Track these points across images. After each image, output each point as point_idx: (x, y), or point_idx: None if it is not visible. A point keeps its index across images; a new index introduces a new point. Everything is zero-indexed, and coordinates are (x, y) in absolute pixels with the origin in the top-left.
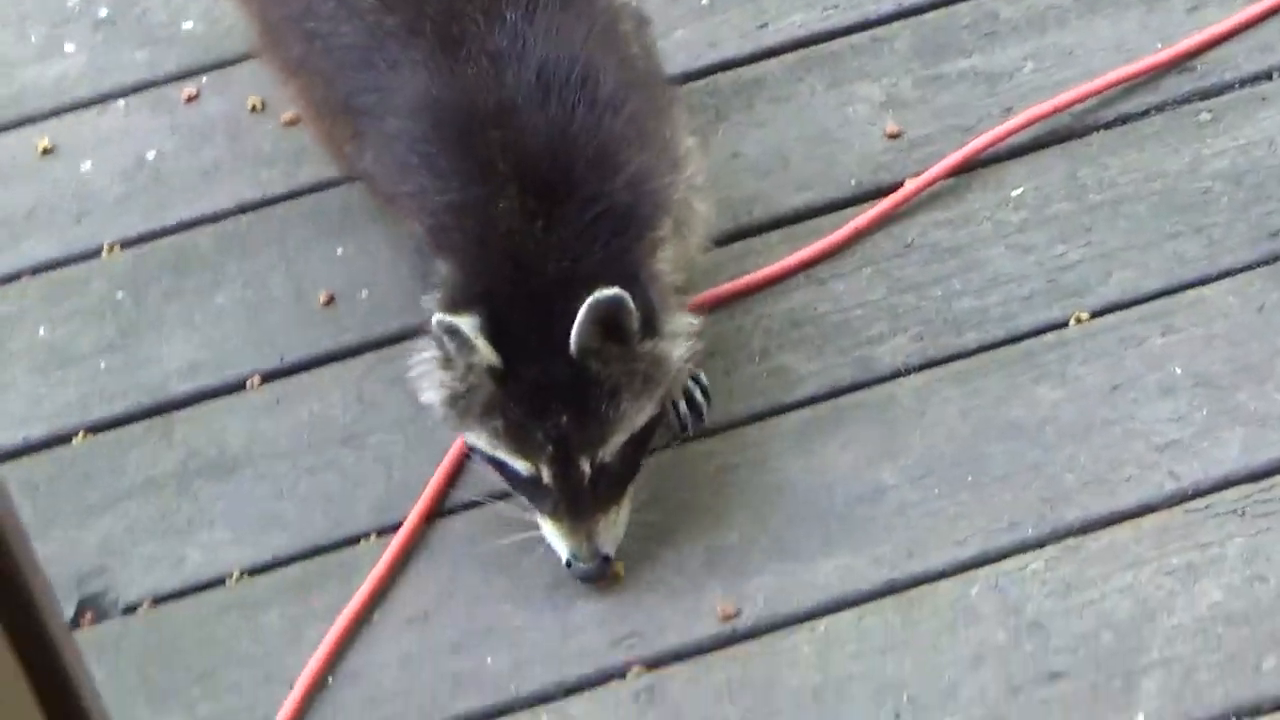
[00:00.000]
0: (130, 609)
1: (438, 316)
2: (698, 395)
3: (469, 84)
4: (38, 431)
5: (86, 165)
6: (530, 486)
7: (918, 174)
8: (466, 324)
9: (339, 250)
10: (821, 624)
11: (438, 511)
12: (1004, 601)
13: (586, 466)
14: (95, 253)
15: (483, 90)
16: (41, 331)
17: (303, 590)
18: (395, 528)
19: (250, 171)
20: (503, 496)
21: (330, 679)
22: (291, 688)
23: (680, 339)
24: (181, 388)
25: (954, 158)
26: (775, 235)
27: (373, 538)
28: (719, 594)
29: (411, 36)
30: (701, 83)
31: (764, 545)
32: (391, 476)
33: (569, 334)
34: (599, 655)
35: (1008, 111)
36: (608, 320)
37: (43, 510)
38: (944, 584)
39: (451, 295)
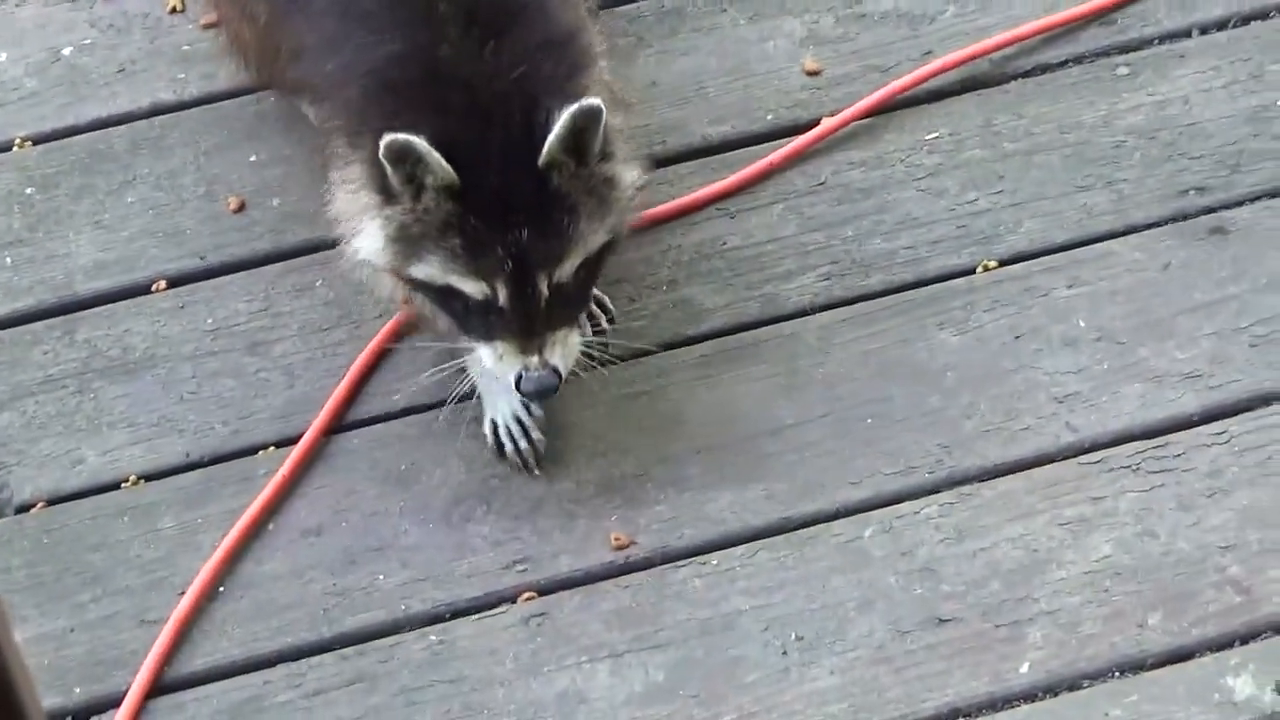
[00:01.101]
0: (24, 508)
1: (387, 138)
2: (603, 322)
3: None
4: None
5: (1, 57)
6: (480, 313)
7: (834, 113)
8: (418, 141)
9: (252, 157)
10: (714, 557)
11: (338, 426)
12: (896, 544)
13: (544, 286)
14: (6, 146)
15: None
16: None
17: (199, 497)
18: (294, 439)
19: (167, 72)
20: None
21: (222, 587)
22: (183, 594)
23: (632, 163)
24: (87, 287)
25: (871, 98)
26: (688, 166)
27: (271, 448)
28: (613, 522)
29: None
30: (626, 9)
31: (660, 476)
32: (293, 387)
33: (529, 147)
34: (490, 578)
35: (927, 55)
36: (580, 132)
37: None
38: (838, 524)
39: (395, 124)
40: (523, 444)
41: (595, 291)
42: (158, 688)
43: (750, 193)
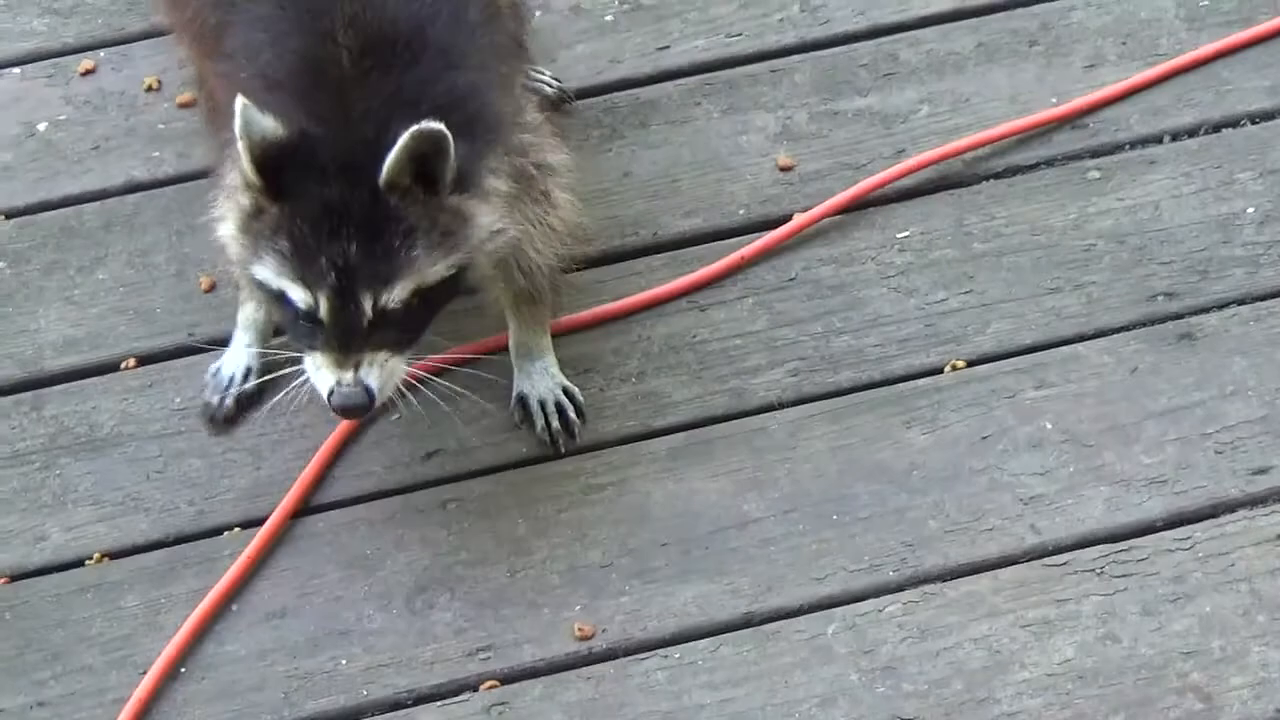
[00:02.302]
0: None
1: (238, 102)
2: (571, 413)
3: None
4: None
5: None
6: (306, 324)
7: (806, 209)
8: (238, 124)
9: None
10: (677, 651)
11: (303, 509)
12: (859, 642)
13: (368, 306)
14: None
15: None
16: None
17: (163, 577)
18: (260, 521)
19: (142, 150)
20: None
21: (184, 668)
22: (144, 673)
23: (493, 203)
24: (56, 363)
25: (843, 195)
26: (659, 258)
27: (236, 529)
28: (577, 612)
29: None
30: (600, 100)
31: (625, 567)
32: (259, 469)
33: (378, 164)
34: (453, 665)
35: (900, 153)
36: (423, 156)
37: None
38: (801, 620)
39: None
40: (228, 400)
41: (565, 383)
42: None
43: (720, 286)
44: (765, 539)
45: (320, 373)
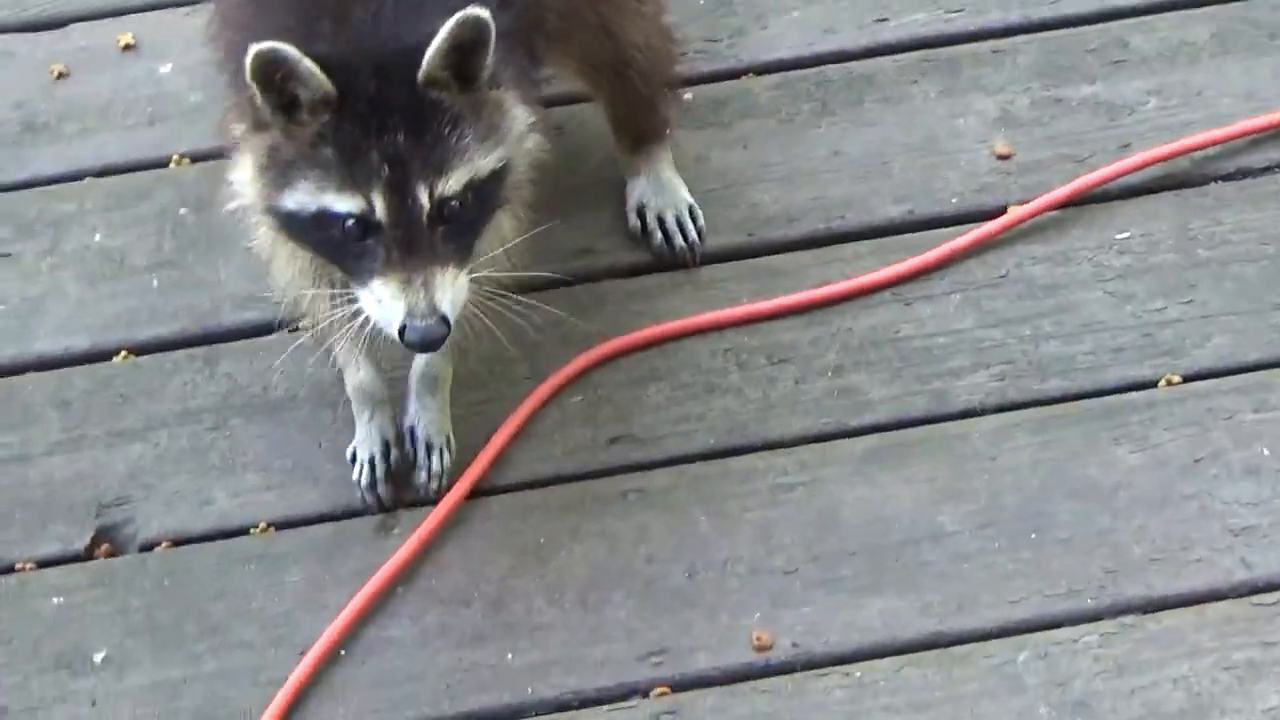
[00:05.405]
0: (148, 546)
1: (253, 49)
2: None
3: None
4: (79, 343)
5: (166, 67)
6: (358, 241)
7: (1023, 201)
8: (287, 48)
9: None
10: (858, 669)
11: (479, 490)
12: (1051, 673)
13: (425, 198)
14: (163, 162)
15: None
16: (97, 237)
17: (329, 553)
18: (433, 501)
19: None
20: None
21: (343, 650)
22: (303, 654)
23: (527, 96)
24: (232, 318)
25: (1063, 190)
26: (865, 245)
27: (408, 508)
28: (757, 620)
29: None
30: (810, 71)
31: (810, 574)
32: None
33: (409, 62)
34: (624, 668)
35: (1125, 148)
36: (462, 48)
37: (73, 427)
38: (992, 644)
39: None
40: (381, 488)
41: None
42: None
43: (928, 279)
44: (959, 554)
45: (386, 305)
